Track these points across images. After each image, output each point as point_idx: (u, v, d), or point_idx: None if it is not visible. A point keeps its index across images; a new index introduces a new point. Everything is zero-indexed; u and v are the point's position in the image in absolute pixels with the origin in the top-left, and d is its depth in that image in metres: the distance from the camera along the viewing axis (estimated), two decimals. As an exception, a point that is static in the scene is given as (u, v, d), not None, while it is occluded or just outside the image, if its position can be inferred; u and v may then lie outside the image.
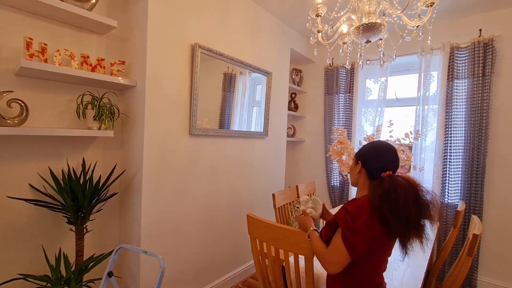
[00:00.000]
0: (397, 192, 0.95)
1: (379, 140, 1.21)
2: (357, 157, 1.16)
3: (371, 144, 1.17)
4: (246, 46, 2.27)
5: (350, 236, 0.96)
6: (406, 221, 0.93)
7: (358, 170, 1.13)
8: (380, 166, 1.06)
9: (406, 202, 0.93)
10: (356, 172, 1.15)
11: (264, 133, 2.53)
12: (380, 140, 1.21)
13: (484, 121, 2.25)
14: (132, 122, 1.68)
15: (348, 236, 0.96)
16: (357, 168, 1.14)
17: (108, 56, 1.66)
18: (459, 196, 2.38)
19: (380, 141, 1.19)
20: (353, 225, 0.96)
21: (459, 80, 2.37)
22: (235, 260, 2.33)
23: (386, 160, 1.08)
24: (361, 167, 1.12)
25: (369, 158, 1.12)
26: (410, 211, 0.93)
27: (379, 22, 1.27)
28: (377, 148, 1.12)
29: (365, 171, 1.11)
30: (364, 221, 0.97)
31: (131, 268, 1.68)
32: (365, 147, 1.18)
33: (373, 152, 1.12)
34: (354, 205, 1.02)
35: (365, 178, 1.11)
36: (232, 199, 2.26)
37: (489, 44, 2.23)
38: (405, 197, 0.94)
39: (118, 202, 1.76)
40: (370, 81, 2.93)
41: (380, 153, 1.10)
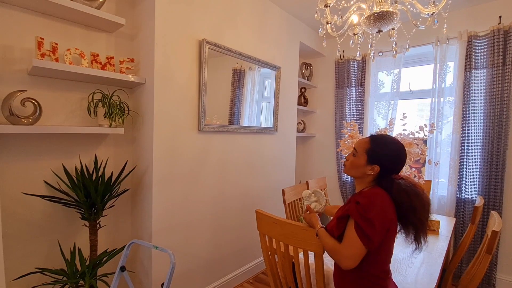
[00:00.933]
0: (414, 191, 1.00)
1: (396, 142, 1.12)
2: (373, 159, 1.08)
3: (391, 149, 1.09)
4: (254, 40, 2.24)
5: (366, 227, 0.95)
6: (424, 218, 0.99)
7: (371, 171, 1.08)
8: (395, 169, 1.08)
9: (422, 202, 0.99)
10: (367, 171, 1.09)
11: (274, 128, 2.50)
12: (396, 141, 1.12)
13: (505, 113, 2.14)
14: (141, 119, 1.69)
15: (364, 227, 0.95)
16: (369, 168, 1.08)
17: (117, 54, 1.68)
18: (477, 191, 2.29)
19: (398, 144, 1.11)
20: (368, 216, 0.95)
21: (477, 70, 2.27)
22: (246, 255, 2.34)
23: (401, 164, 1.09)
24: (377, 171, 1.07)
25: (389, 164, 1.07)
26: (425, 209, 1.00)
27: (391, 10, 1.22)
28: (399, 155, 1.09)
29: (378, 173, 1.08)
30: (378, 210, 0.96)
31: (143, 263, 1.71)
32: (383, 149, 1.09)
33: (395, 159, 1.08)
34: (364, 197, 1.00)
35: (374, 178, 1.10)
36: (242, 194, 2.26)
37: (510, 32, 2.12)
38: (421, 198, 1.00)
39: (129, 198, 1.79)
40: (382, 73, 2.84)
41: (401, 160, 1.09)
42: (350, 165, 1.15)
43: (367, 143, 1.11)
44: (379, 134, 1.17)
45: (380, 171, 1.07)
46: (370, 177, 1.10)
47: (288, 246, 1.22)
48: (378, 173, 1.07)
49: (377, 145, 1.10)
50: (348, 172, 1.18)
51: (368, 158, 1.09)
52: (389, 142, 1.11)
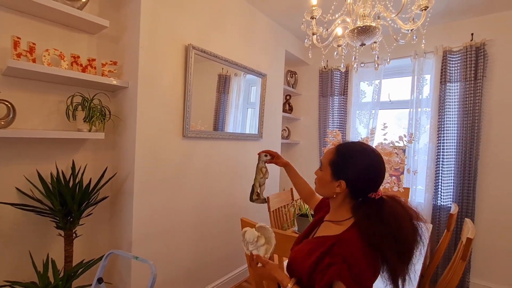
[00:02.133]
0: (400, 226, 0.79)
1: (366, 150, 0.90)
2: (339, 173, 0.88)
3: (358, 160, 0.88)
4: (240, 47, 2.26)
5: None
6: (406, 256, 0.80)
7: (339, 188, 0.88)
8: (370, 186, 0.87)
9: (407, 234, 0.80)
10: (334, 189, 0.89)
11: (259, 135, 2.51)
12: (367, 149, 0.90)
13: (476, 124, 2.27)
14: (123, 124, 1.64)
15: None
16: (335, 185, 0.88)
17: (100, 56, 1.63)
18: (452, 199, 2.40)
19: (371, 156, 0.88)
20: (363, 280, 0.76)
21: (451, 84, 2.40)
22: (228, 264, 2.30)
23: (378, 176, 0.88)
24: (344, 187, 0.87)
25: (357, 180, 0.87)
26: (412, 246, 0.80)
27: (373, 25, 1.27)
28: (370, 170, 0.87)
29: (348, 191, 0.88)
30: (368, 270, 0.78)
31: (122, 274, 1.65)
32: (348, 160, 0.88)
33: (364, 174, 0.86)
34: (351, 252, 0.79)
35: (345, 196, 0.89)
36: (226, 202, 2.23)
37: (481, 48, 2.26)
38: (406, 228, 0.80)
39: (109, 206, 1.72)
40: (364, 83, 2.94)
41: (374, 176, 0.87)
42: (318, 181, 0.96)
43: (331, 154, 0.92)
44: (347, 142, 0.96)
45: (349, 189, 0.87)
46: (341, 196, 0.90)
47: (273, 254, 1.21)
48: (348, 192, 0.88)
49: (340, 155, 0.90)
50: (318, 191, 0.98)
51: (332, 172, 0.89)
52: (356, 150, 0.90)
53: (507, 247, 2.24)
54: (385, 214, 0.81)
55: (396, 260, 0.78)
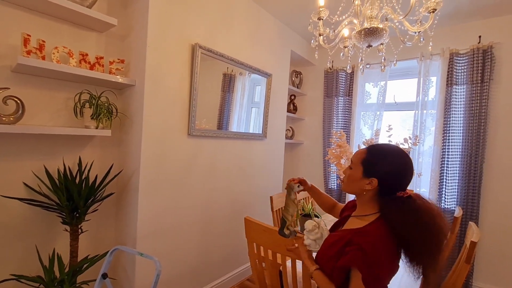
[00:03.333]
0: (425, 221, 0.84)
1: (398, 151, 0.96)
2: (370, 171, 0.95)
3: (390, 159, 0.94)
4: (246, 47, 2.26)
5: (376, 286, 0.83)
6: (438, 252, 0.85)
7: (369, 186, 0.94)
8: (399, 184, 0.93)
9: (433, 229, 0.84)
10: (364, 186, 0.95)
11: (263, 134, 2.52)
12: (398, 151, 0.96)
13: (482, 128, 2.26)
14: (130, 121, 1.66)
15: (375, 285, 0.83)
16: (366, 182, 0.95)
17: (107, 54, 1.64)
18: (456, 202, 2.39)
19: (402, 156, 0.95)
20: (378, 272, 0.82)
21: (458, 86, 2.38)
22: (232, 261, 2.32)
23: (407, 177, 0.94)
24: (376, 185, 0.93)
25: (389, 178, 0.93)
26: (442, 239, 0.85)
27: (381, 27, 1.27)
28: (401, 168, 0.93)
29: (378, 189, 0.94)
30: (386, 264, 0.83)
31: (126, 270, 1.66)
32: (381, 159, 0.95)
33: (393, 167, 0.93)
34: (368, 242, 0.85)
35: (374, 194, 0.96)
36: (231, 200, 2.24)
37: (488, 51, 2.25)
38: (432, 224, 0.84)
39: (114, 202, 1.74)
40: (369, 84, 2.93)
41: (405, 174, 0.93)
42: (347, 179, 1.02)
43: (363, 153, 1.00)
44: (378, 143, 1.09)
45: (380, 187, 0.93)
46: (370, 193, 0.96)
47: (276, 254, 1.22)
48: (378, 189, 0.94)
49: (373, 155, 0.97)
50: (346, 188, 1.05)
51: (364, 170, 0.96)
52: (388, 151, 0.97)
53: (511, 251, 2.22)
54: (417, 207, 0.86)
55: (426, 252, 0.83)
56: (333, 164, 1.84)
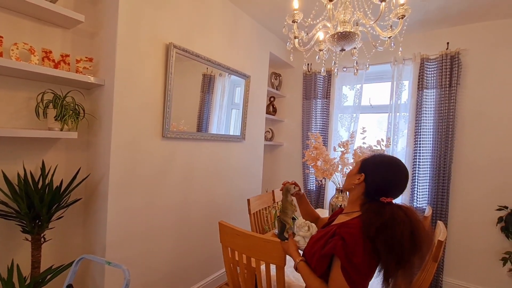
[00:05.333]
0: (394, 227, 0.86)
1: (394, 158, 1.00)
2: (362, 167, 1.03)
3: (383, 160, 1.00)
4: (224, 48, 2.23)
5: (354, 275, 0.86)
6: (398, 256, 0.85)
7: (358, 181, 1.01)
8: (383, 190, 0.96)
9: (402, 237, 0.85)
10: (354, 180, 1.03)
11: (242, 136, 2.50)
12: (395, 159, 1.00)
13: (450, 130, 2.37)
14: (98, 123, 1.58)
15: (352, 274, 0.86)
16: (357, 177, 1.02)
17: (74, 52, 1.56)
18: (427, 201, 2.48)
19: (395, 161, 0.99)
20: (354, 260, 0.86)
21: (428, 90, 2.49)
22: (209, 266, 2.27)
23: (392, 185, 0.97)
24: (362, 180, 1.00)
25: (375, 175, 0.98)
26: (405, 248, 0.85)
27: (353, 31, 1.29)
28: (388, 168, 0.98)
29: (364, 185, 1.00)
30: (363, 254, 0.87)
31: (95, 280, 1.58)
32: (376, 159, 1.02)
33: (382, 171, 0.98)
34: (349, 233, 0.90)
35: (361, 193, 1.01)
36: (208, 204, 2.20)
37: (456, 57, 2.36)
38: (401, 232, 0.85)
39: (82, 208, 1.65)
40: (346, 87, 3.00)
41: (389, 175, 0.97)
42: (347, 177, 1.11)
43: (367, 155, 1.08)
44: (386, 154, 1.14)
45: (366, 185, 0.99)
46: (357, 191, 1.02)
47: (250, 258, 1.20)
48: (364, 188, 0.99)
49: (373, 158, 1.04)
50: (344, 185, 1.12)
51: (360, 168, 1.04)
52: (388, 158, 1.02)
53: (478, 247, 2.34)
54: (386, 213, 0.89)
55: (387, 258, 0.85)
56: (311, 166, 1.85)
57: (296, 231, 1.12)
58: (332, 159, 1.77)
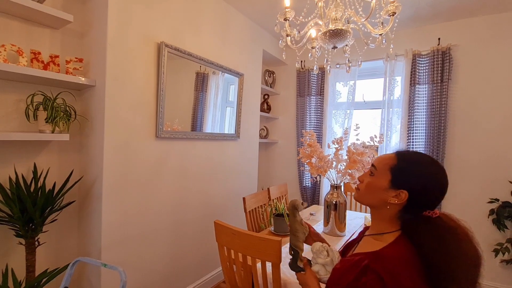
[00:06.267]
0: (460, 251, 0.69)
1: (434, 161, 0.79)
2: (401, 181, 0.77)
3: (427, 169, 0.77)
4: (216, 46, 2.22)
5: None
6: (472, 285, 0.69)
7: (396, 199, 0.77)
8: (432, 203, 0.76)
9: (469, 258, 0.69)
10: (388, 197, 0.78)
11: (236, 134, 2.49)
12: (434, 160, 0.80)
13: (442, 125, 2.40)
14: (90, 124, 1.56)
15: None
16: (393, 194, 0.77)
17: (64, 52, 1.53)
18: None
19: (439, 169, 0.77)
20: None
21: (420, 86, 2.51)
22: (207, 265, 2.28)
23: (441, 196, 0.77)
24: (405, 199, 0.76)
25: (422, 193, 0.75)
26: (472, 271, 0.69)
27: (344, 28, 1.29)
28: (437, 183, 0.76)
29: (406, 203, 0.77)
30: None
31: (91, 282, 1.57)
32: (417, 168, 0.78)
33: (431, 188, 0.76)
34: (389, 271, 0.69)
35: (398, 210, 0.78)
36: (203, 203, 2.20)
37: (447, 53, 2.39)
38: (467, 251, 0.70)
39: (76, 211, 1.63)
40: (339, 84, 3.01)
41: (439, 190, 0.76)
42: (365, 187, 0.84)
43: (392, 159, 0.82)
44: (407, 150, 0.84)
45: (408, 202, 0.76)
46: (394, 209, 0.78)
47: (246, 256, 1.21)
48: (404, 204, 0.77)
49: (407, 162, 0.80)
50: (362, 198, 0.86)
51: (393, 179, 0.78)
52: (424, 160, 0.79)
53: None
54: (446, 231, 0.71)
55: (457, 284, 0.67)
56: (305, 163, 1.86)
57: (313, 258, 0.92)
58: (326, 156, 1.78)
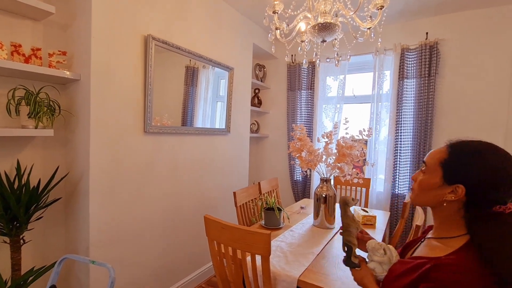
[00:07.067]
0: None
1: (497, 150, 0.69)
2: (455, 176, 0.70)
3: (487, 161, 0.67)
4: (206, 39, 2.19)
5: None
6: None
7: (452, 195, 0.70)
8: (501, 199, 0.66)
9: None
10: (443, 194, 0.71)
11: (226, 129, 2.48)
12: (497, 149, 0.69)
13: (429, 118, 2.44)
14: (76, 119, 1.53)
15: None
16: (448, 190, 0.71)
17: (46, 45, 1.48)
18: (408, 188, 2.58)
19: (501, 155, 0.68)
20: None
21: (408, 80, 2.55)
22: (199, 259, 2.28)
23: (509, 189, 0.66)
24: (463, 195, 0.68)
25: (483, 186, 0.66)
26: None
27: (333, 22, 1.29)
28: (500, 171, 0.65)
29: (465, 200, 0.69)
30: None
31: (80, 280, 1.56)
32: (472, 158, 0.69)
33: (494, 178, 0.66)
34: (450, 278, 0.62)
35: (459, 206, 0.71)
36: (195, 198, 2.19)
37: (434, 47, 2.42)
38: None
39: (62, 208, 1.60)
40: (330, 78, 3.02)
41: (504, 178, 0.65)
42: (418, 187, 0.79)
43: (442, 153, 0.75)
44: (462, 139, 0.76)
45: (468, 197, 0.68)
46: (452, 206, 0.71)
47: (236, 250, 1.22)
48: (465, 201, 0.69)
49: (459, 154, 0.72)
50: (416, 199, 0.80)
51: (445, 174, 0.72)
52: (480, 148, 0.70)
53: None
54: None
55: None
56: (296, 157, 1.87)
57: (369, 256, 0.90)
58: (316, 150, 1.80)
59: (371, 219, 1.88)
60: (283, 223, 1.86)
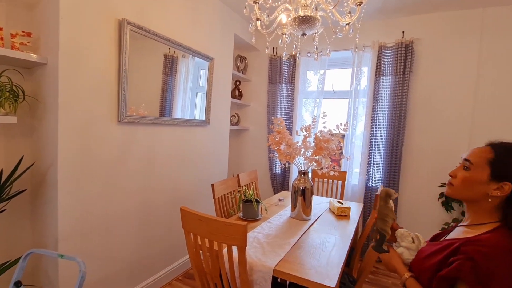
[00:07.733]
0: None
1: None
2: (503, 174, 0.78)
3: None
4: (185, 27, 2.12)
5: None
6: None
7: (498, 191, 0.78)
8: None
9: None
10: (489, 191, 0.80)
11: (206, 121, 2.44)
12: None
13: (403, 115, 2.55)
14: (43, 106, 1.43)
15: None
16: (494, 186, 0.79)
17: (9, 25, 1.37)
18: (381, 181, 2.69)
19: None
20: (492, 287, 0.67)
21: (384, 77, 2.63)
22: (176, 252, 2.26)
23: None
24: (509, 191, 0.77)
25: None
26: None
27: (313, 15, 1.29)
28: None
29: (509, 195, 0.78)
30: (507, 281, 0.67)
31: (48, 275, 1.49)
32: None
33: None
34: (482, 252, 0.70)
35: (499, 202, 0.80)
36: (172, 190, 2.15)
37: (410, 46, 2.51)
38: None
39: (28, 200, 1.51)
40: (310, 72, 3.05)
41: None
42: (462, 183, 0.85)
43: (488, 152, 0.83)
44: (503, 141, 0.85)
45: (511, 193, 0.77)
46: (495, 201, 0.80)
47: (213, 242, 1.21)
48: (508, 195, 0.78)
49: (507, 154, 0.80)
50: (456, 193, 0.87)
51: (493, 172, 0.79)
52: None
53: (423, 219, 2.62)
54: None
55: None
56: (274, 150, 1.88)
57: (398, 242, 0.98)
58: (295, 143, 1.82)
59: (346, 211, 1.94)
60: (261, 215, 1.88)
